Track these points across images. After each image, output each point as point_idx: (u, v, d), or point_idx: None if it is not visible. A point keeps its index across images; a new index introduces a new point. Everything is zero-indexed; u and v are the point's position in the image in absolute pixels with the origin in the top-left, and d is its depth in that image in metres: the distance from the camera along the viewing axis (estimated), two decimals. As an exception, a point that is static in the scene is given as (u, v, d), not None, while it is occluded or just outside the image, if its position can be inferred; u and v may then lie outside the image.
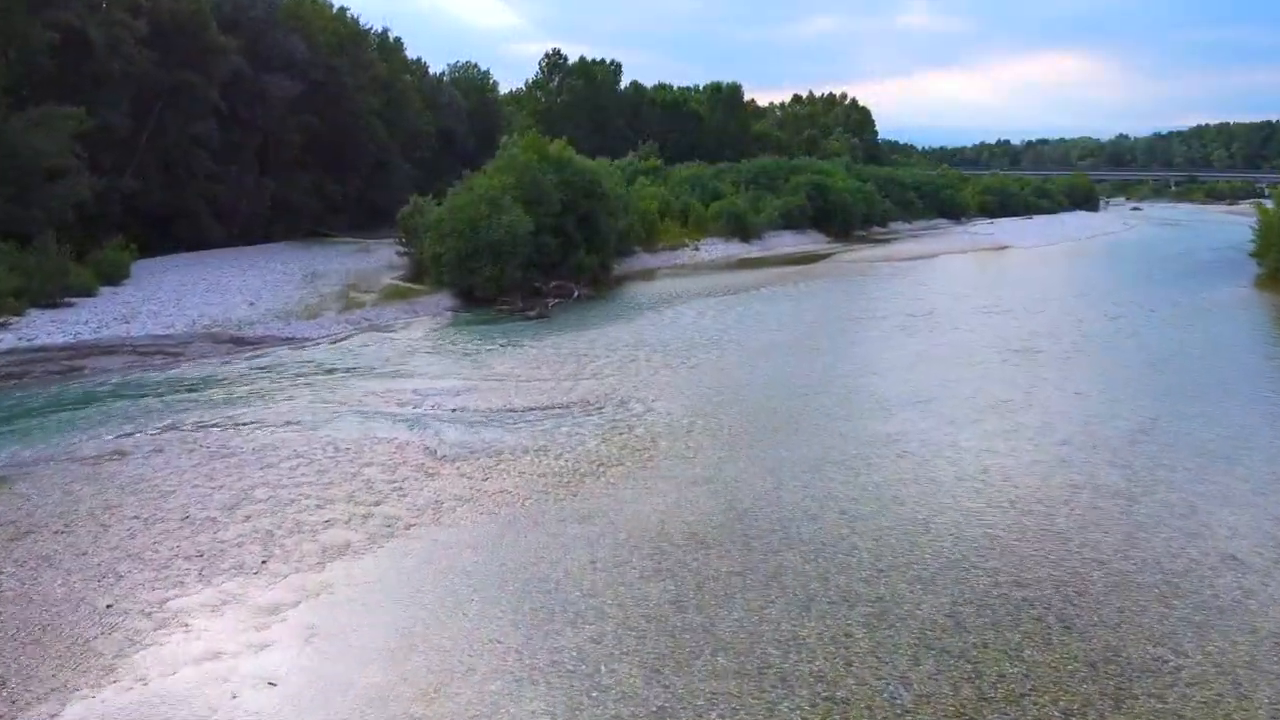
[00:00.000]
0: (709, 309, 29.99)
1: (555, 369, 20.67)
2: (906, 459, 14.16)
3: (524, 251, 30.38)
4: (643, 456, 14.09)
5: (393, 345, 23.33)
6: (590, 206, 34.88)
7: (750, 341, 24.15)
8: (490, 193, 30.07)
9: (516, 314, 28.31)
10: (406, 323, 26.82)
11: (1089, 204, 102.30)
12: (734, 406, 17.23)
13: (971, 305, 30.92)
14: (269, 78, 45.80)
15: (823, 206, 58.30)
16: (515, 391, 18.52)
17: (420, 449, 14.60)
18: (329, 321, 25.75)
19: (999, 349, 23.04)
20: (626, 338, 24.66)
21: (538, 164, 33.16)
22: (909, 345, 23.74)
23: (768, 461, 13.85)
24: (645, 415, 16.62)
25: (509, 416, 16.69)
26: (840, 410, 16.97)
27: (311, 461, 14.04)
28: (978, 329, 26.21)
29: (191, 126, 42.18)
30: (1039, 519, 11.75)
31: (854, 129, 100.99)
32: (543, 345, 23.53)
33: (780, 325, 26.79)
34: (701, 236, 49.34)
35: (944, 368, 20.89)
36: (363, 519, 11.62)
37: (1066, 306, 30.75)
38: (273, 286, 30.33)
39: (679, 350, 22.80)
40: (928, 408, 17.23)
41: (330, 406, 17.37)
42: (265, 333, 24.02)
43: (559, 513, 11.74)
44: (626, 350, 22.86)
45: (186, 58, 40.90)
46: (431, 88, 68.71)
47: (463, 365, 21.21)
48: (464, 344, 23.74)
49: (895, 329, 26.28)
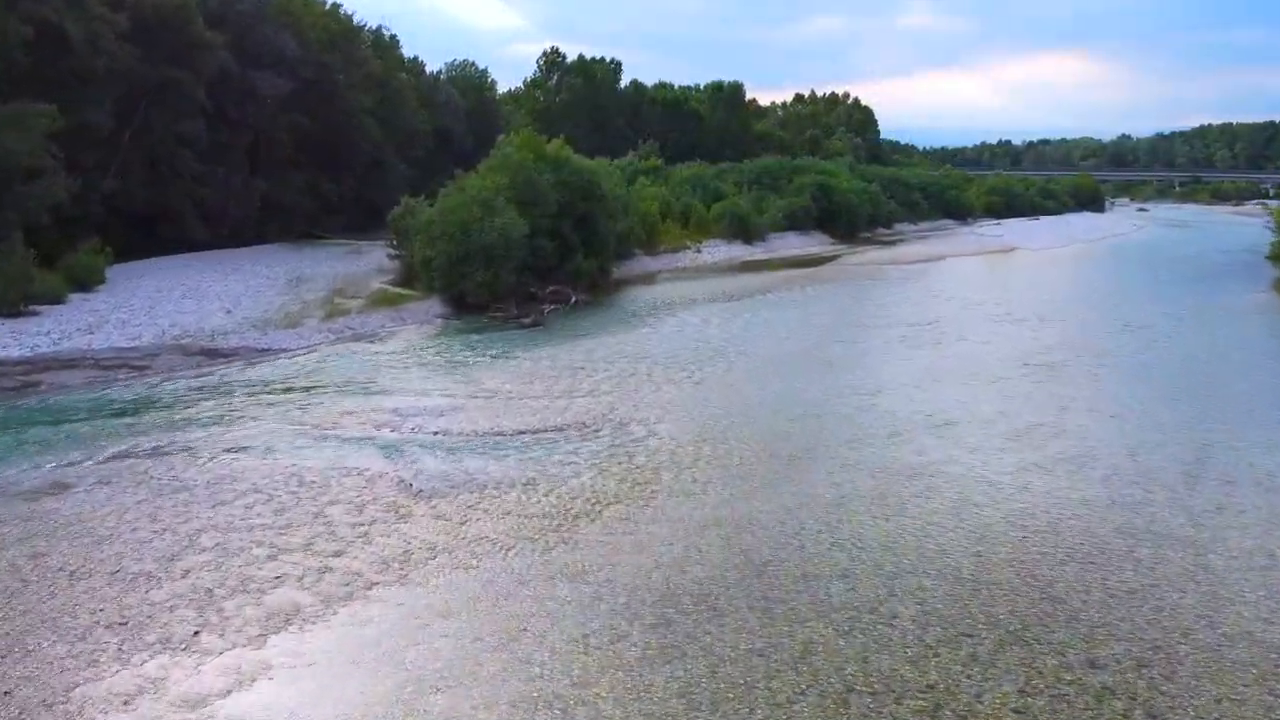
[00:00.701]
0: (713, 316, 28.33)
1: (549, 384, 19.01)
2: (938, 497, 12.48)
3: (518, 255, 28.72)
4: (644, 492, 12.42)
5: (376, 357, 21.66)
6: (588, 208, 33.21)
7: (758, 352, 22.49)
8: (483, 194, 28.41)
9: (510, 321, 26.66)
10: (392, 331, 25.16)
11: (1094, 205, 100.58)
12: (744, 430, 15.56)
13: (984, 313, 29.25)
14: (258, 75, 44.08)
15: (827, 207, 56.64)
16: (504, 411, 16.86)
17: (394, 482, 12.93)
18: (309, 331, 24.08)
19: (1018, 362, 21.36)
20: (626, 348, 23.00)
21: (533, 163, 31.49)
22: (923, 358, 22.06)
23: (785, 499, 12.18)
24: (647, 440, 14.95)
25: (496, 441, 15.02)
26: (858, 435, 15.29)
27: (270, 498, 12.37)
28: (993, 339, 24.54)
29: (177, 125, 40.48)
30: (1101, 574, 10.08)
31: (856, 129, 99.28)
32: (537, 357, 21.87)
33: (788, 334, 25.12)
34: (703, 238, 47.68)
35: (962, 385, 19.21)
36: (319, 574, 9.95)
37: (1083, 314, 29.08)
38: (254, 292, 28.67)
39: (682, 363, 21.14)
40: (952, 433, 15.55)
41: (300, 429, 15.71)
42: (240, 344, 22.36)
43: (547, 567, 10.08)
44: (626, 363, 21.20)
45: (171, 54, 39.18)
46: (428, 86, 66.98)
47: (449, 380, 19.54)
48: (452, 356, 22.08)
49: (907, 339, 24.62)
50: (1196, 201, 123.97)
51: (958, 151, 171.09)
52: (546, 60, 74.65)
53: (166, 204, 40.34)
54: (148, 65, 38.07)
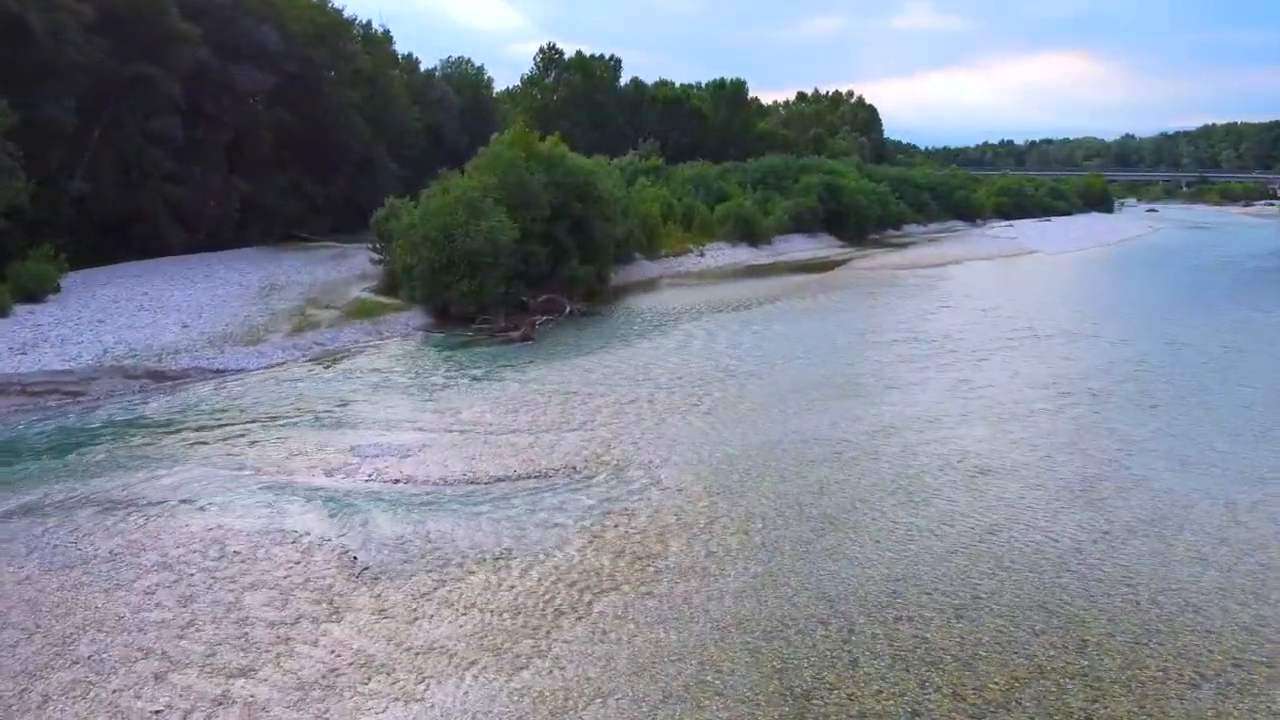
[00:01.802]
0: (720, 328, 25.74)
1: (536, 414, 16.43)
2: (1011, 578, 9.91)
3: (507, 262, 26.14)
4: (646, 573, 9.85)
5: (342, 379, 19.08)
6: (584, 210, 30.61)
7: (773, 374, 19.90)
8: (468, 195, 25.81)
9: (498, 335, 24.07)
10: (366, 348, 22.58)
11: (1103, 205, 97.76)
12: (764, 479, 12.97)
13: (1012, 327, 26.63)
14: (238, 69, 41.40)
15: (835, 208, 53.99)
16: (482, 450, 14.28)
17: (335, 555, 10.36)
18: (272, 347, 21.49)
19: (1059, 391, 18.70)
20: (625, 368, 20.42)
21: (525, 162, 28.88)
22: (954, 383, 19.46)
23: (826, 586, 9.59)
24: (649, 492, 12.37)
25: (468, 493, 12.45)
26: (904, 490, 12.68)
27: (179, 578, 9.81)
28: (1027, 361, 21.92)
29: (150, 123, 37.84)
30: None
31: (860, 128, 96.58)
32: (525, 378, 19.29)
33: (805, 351, 22.52)
34: (707, 241, 45.06)
35: (1001, 421, 16.61)
36: (209, 711, 7.38)
37: (1119, 328, 26.39)
38: (220, 302, 26.07)
39: (688, 386, 18.56)
40: (1000, 489, 12.96)
41: (237, 475, 13.14)
42: (191, 364, 19.78)
43: (515, 701, 7.49)
44: (625, 386, 18.62)
45: (143, 47, 36.55)
46: (421, 83, 64.40)
47: (422, 409, 16.96)
48: (429, 377, 19.49)
49: (933, 358, 22.02)
50: (1205, 202, 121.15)
51: (960, 151, 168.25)
52: (544, 57, 71.88)
53: (139, 206, 37.73)
54: (117, 59, 35.45)
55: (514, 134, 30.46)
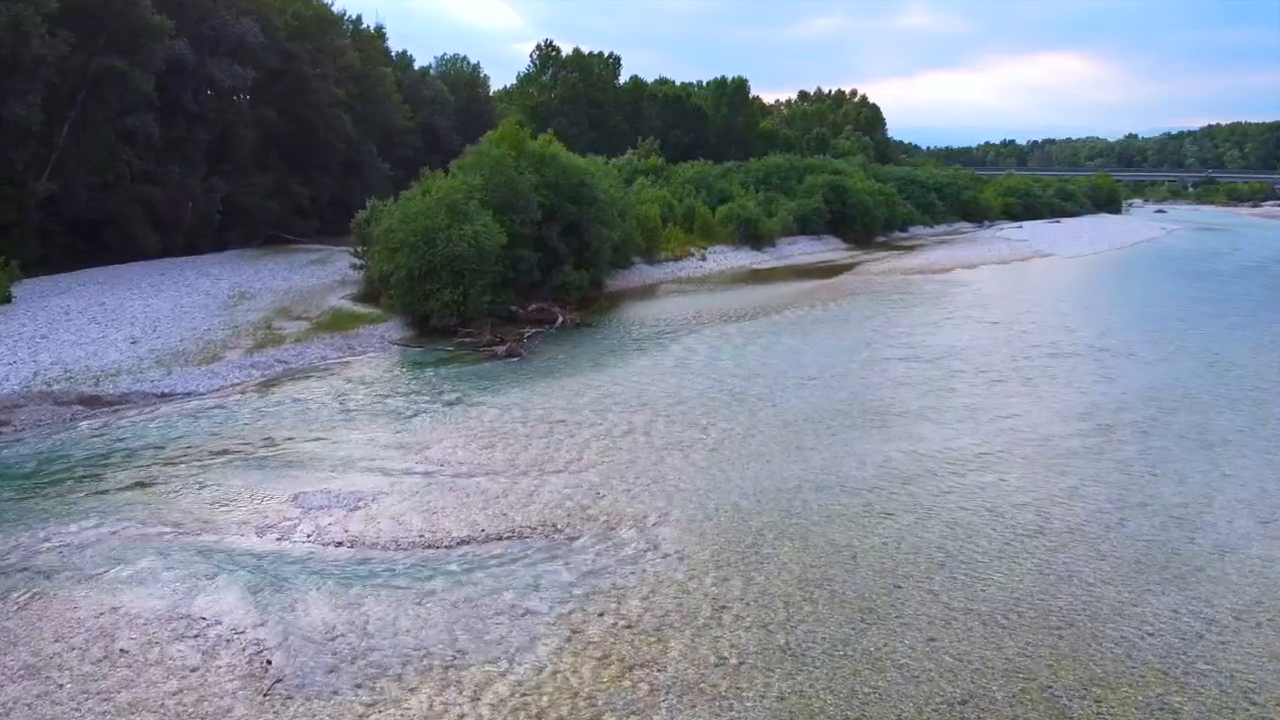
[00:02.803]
0: (725, 342, 23.46)
1: (516, 450, 14.15)
2: (1130, 714, 7.63)
3: (493, 269, 23.87)
4: (639, 694, 7.54)
5: (300, 404, 16.78)
6: (579, 212, 28.33)
7: (785, 399, 17.60)
8: (450, 197, 23.51)
9: (481, 350, 21.79)
10: (334, 365, 20.29)
11: (1111, 206, 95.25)
12: (783, 544, 10.67)
13: (1044, 342, 24.37)
14: (216, 64, 39.14)
15: (841, 210, 51.64)
16: (447, 500, 12.00)
17: (245, 657, 8.09)
18: (228, 367, 19.21)
19: (1114, 424, 16.44)
20: (620, 390, 18.13)
21: (514, 162, 26.59)
22: (994, 412, 17.18)
23: (873, 713, 7.30)
24: (644, 562, 10.09)
25: (424, 560, 10.18)
26: (952, 562, 10.37)
27: (45, 693, 7.56)
28: (1070, 384, 19.62)
29: (123, 120, 35.59)
30: None
31: (864, 127, 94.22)
32: (506, 403, 17.01)
33: (819, 370, 20.22)
34: (708, 244, 42.73)
35: (1059, 461, 14.35)
36: None
37: (1152, 343, 24.00)
38: (181, 314, 23.78)
39: (691, 414, 16.28)
40: (1094, 565, 10.68)
41: (152, 534, 10.87)
42: (132, 387, 17.48)
43: None
44: (619, 413, 16.35)
45: (113, 40, 34.31)
46: (415, 81, 62.15)
47: (385, 443, 14.67)
48: (398, 402, 17.20)
49: (965, 379, 19.75)
50: (1213, 203, 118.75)
51: (962, 151, 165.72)
52: (541, 54, 69.45)
53: (113, 208, 35.55)
54: (84, 53, 33.24)
55: (503, 131, 28.16)
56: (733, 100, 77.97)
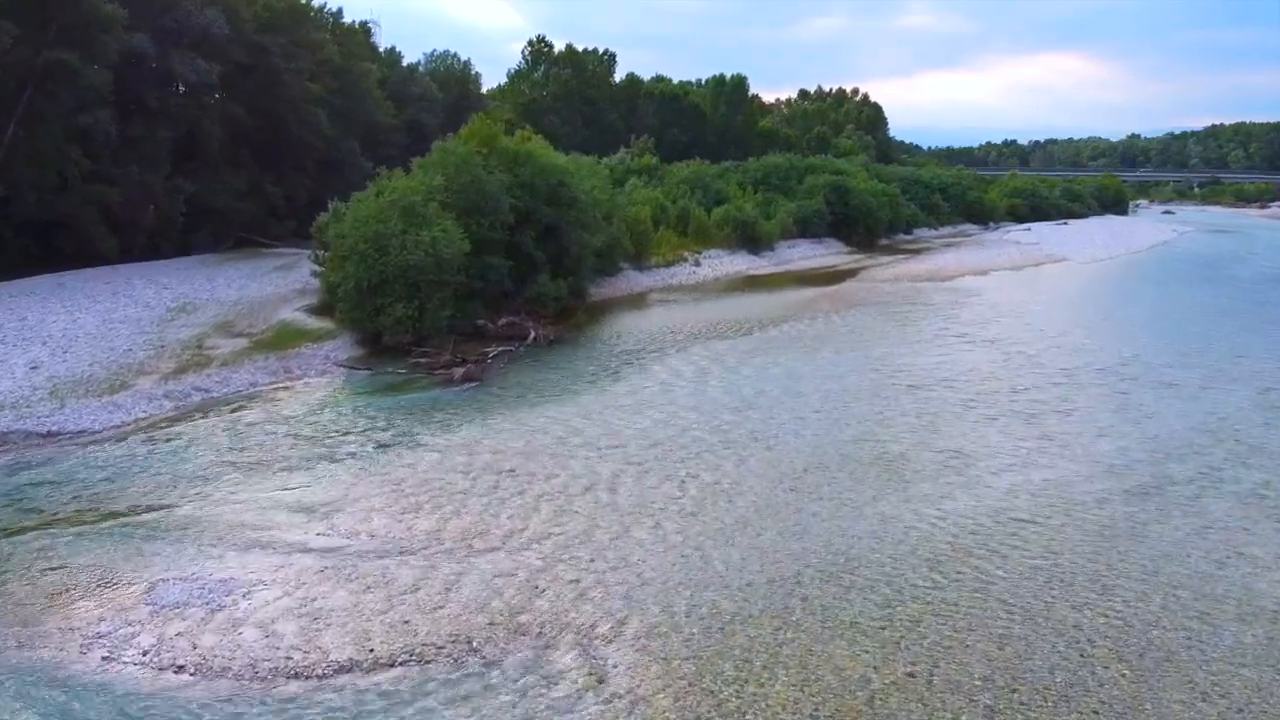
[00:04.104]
0: (714, 362, 20.52)
1: (447, 514, 11.23)
2: None
3: (455, 280, 20.95)
4: None
5: (202, 448, 13.86)
6: (557, 215, 25.39)
7: (782, 438, 14.66)
8: (406, 199, 20.59)
9: (438, 372, 18.87)
10: (264, 393, 17.38)
11: (1117, 207, 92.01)
12: (776, 674, 7.74)
13: (1074, 364, 21.43)
14: (178, 58, 36.22)
15: (843, 211, 48.63)
16: (338, 598, 9.09)
17: None
18: (136, 397, 16.29)
19: (1180, 479, 13.57)
20: (589, 426, 15.21)
21: (484, 159, 23.66)
22: (1035, 458, 14.27)
23: None
24: (581, 710, 7.18)
25: (283, 705, 7.27)
26: (1008, 696, 7.47)
27: None
28: (1113, 418, 16.76)
29: (76, 118, 32.70)
30: None
31: (866, 126, 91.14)
32: (450, 444, 14.10)
33: (821, 400, 17.27)
34: (703, 247, 39.76)
35: (1124, 525, 11.45)
36: None
37: (1203, 367, 20.91)
38: (107, 331, 20.86)
39: (668, 459, 13.36)
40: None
41: (-73, 658, 7.97)
42: (13, 425, 14.54)
43: None
44: (583, 458, 13.43)
45: (63, 33, 31.45)
46: (401, 77, 59.20)
47: (289, 505, 11.73)
48: (322, 445, 14.26)
49: (992, 410, 16.82)
50: (1220, 203, 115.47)
51: (964, 151, 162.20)
52: (533, 50, 66.44)
53: (65, 210, 32.69)
54: (30, 46, 30.40)
55: (472, 126, 25.21)
56: (731, 98, 74.93)
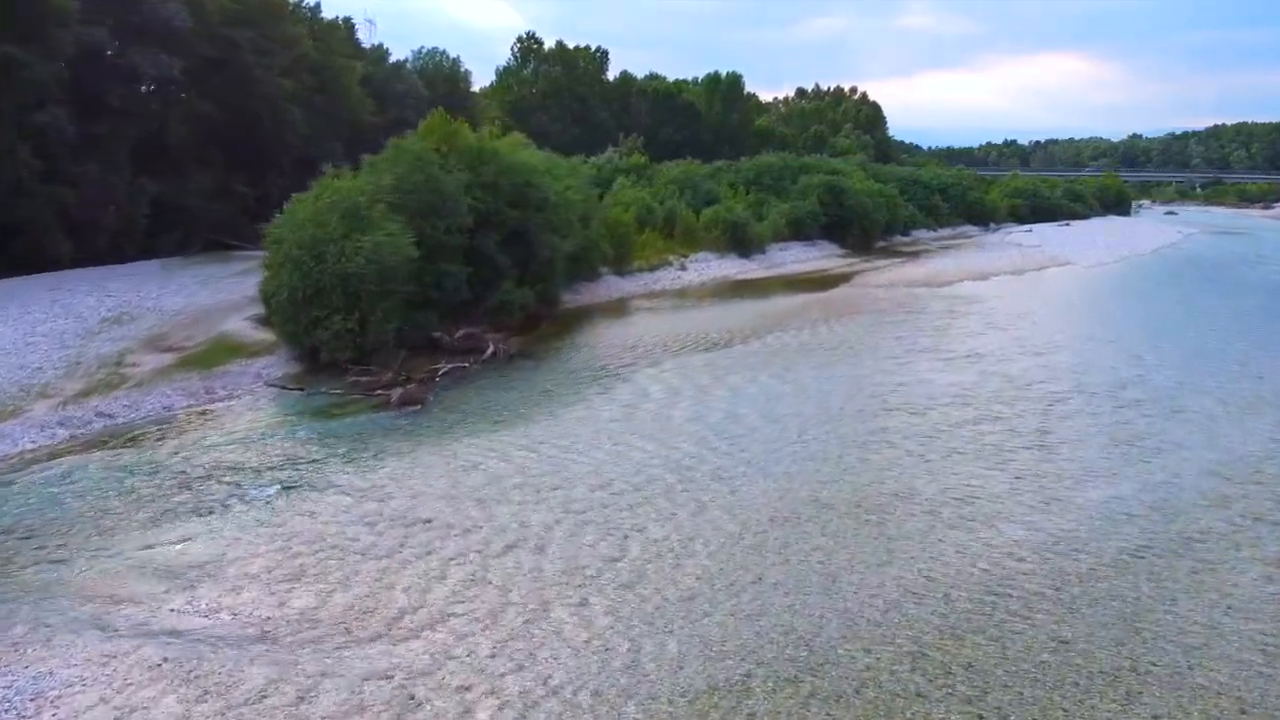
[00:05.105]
0: (686, 380, 18.43)
1: (331, 585, 9.18)
2: None
3: (402, 289, 18.89)
4: None
5: (76, 490, 11.79)
6: (523, 218, 23.32)
7: (748, 481, 12.57)
8: (346, 199, 18.53)
9: (377, 393, 16.81)
10: (177, 417, 15.34)
11: (1120, 208, 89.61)
12: None
13: (1090, 386, 19.33)
14: (140, 53, 34.23)
15: (838, 213, 46.49)
16: (170, 710, 7.04)
17: None
18: (25, 426, 14.24)
19: (1248, 542, 11.46)
20: (530, 462, 13.15)
21: (442, 157, 21.62)
22: (1039, 516, 12.19)
23: None
24: None
25: None
26: None
27: None
28: (1150, 462, 14.67)
29: (29, 116, 30.75)
30: None
31: (864, 125, 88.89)
32: (364, 488, 12.04)
33: (799, 430, 15.16)
34: (690, 251, 37.67)
35: (1179, 621, 9.36)
36: None
37: (1242, 396, 18.55)
38: (23, 346, 18.79)
39: (613, 507, 11.29)
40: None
41: None
42: None
43: None
44: (513, 506, 11.36)
45: (11, 26, 29.48)
46: (386, 74, 57.16)
47: (153, 569, 9.67)
48: (220, 485, 12.19)
49: (996, 450, 14.74)
50: (1223, 204, 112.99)
51: (964, 152, 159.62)
52: (522, 47, 64.31)
53: (19, 212, 30.72)
54: (-27, 39, 28.47)
55: (430, 122, 23.13)
56: (727, 96, 72.73)
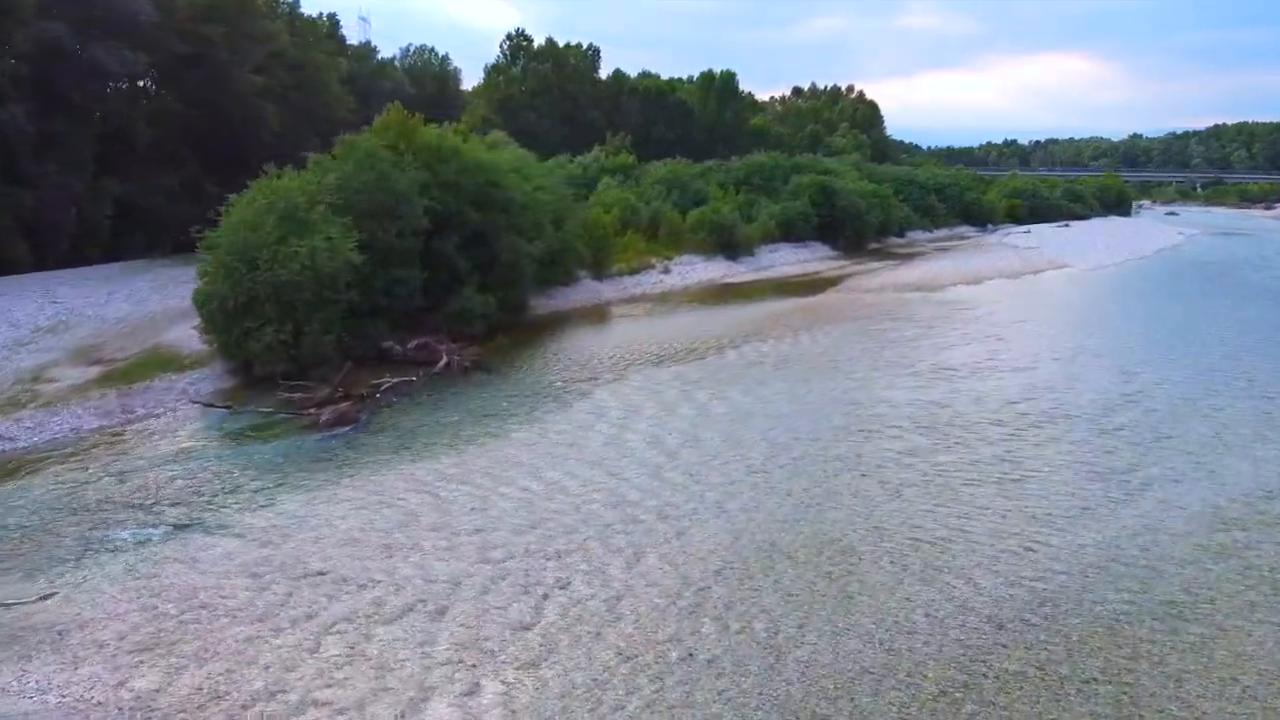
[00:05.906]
0: (651, 397, 16.86)
1: (187, 658, 7.64)
2: None
3: (343, 297, 17.34)
4: None
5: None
6: (485, 220, 21.78)
7: (700, 521, 11.01)
8: (285, 201, 16.98)
9: (310, 412, 15.27)
10: (82, 441, 13.81)
11: (1120, 208, 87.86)
12: None
13: (1094, 406, 17.74)
14: (102, 49, 32.72)
15: (830, 213, 44.87)
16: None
17: None
18: (-100, 452, 12.78)
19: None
20: (458, 496, 11.61)
21: (395, 155, 20.08)
22: (1036, 576, 10.62)
23: None
24: None
25: None
26: None
27: None
28: (1170, 497, 13.10)
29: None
30: None
31: (861, 125, 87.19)
32: (258, 529, 10.50)
33: (766, 456, 13.58)
34: (675, 253, 36.11)
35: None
36: None
37: (1261, 407, 17.09)
38: (-64, 356, 17.38)
39: (538, 556, 9.75)
40: None
41: None
42: None
43: None
44: (424, 553, 9.82)
45: (-40, 18, 28.11)
46: (371, 72, 55.74)
47: (-22, 635, 8.18)
48: (100, 528, 10.65)
49: (1002, 478, 13.17)
50: (1224, 204, 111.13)
51: (964, 151, 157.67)
52: (511, 44, 62.73)
53: (-27, 213, 29.33)
54: (-79, 32, 27.02)
55: (386, 117, 21.57)
56: (721, 95, 71.05)
